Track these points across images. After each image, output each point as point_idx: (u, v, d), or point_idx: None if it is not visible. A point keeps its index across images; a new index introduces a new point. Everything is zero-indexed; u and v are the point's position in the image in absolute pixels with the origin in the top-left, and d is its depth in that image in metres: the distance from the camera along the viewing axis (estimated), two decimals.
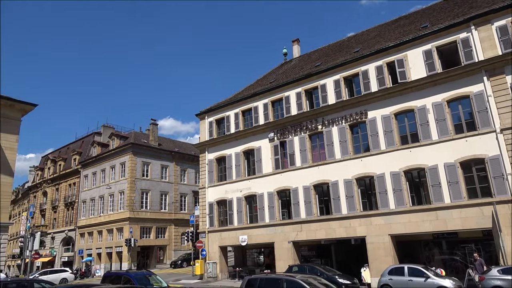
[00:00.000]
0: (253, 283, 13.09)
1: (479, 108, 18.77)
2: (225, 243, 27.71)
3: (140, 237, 42.41)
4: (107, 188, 45.69)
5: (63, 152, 59.93)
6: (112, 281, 16.33)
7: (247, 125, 28.63)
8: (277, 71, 33.95)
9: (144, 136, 49.32)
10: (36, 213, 57.22)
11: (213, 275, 27.02)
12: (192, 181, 49.58)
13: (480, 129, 18.57)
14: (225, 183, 28.44)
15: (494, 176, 17.79)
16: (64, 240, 51.93)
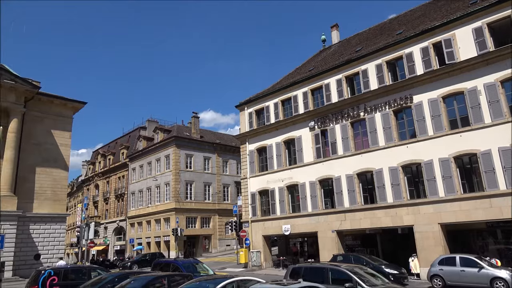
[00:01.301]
0: (298, 271, 13.10)
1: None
2: (268, 232, 27.96)
3: (186, 226, 43.86)
4: (153, 180, 47.54)
5: (112, 147, 62.99)
6: (161, 269, 17.08)
7: (286, 115, 28.48)
8: (315, 58, 33.35)
9: (187, 129, 50.60)
10: (90, 205, 60.81)
11: (257, 264, 27.42)
12: (234, 172, 50.33)
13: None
14: (267, 173, 28.57)
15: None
16: (116, 229, 54.87)
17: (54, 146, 34.03)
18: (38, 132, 33.29)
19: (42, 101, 33.89)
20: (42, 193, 32.58)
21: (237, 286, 10.30)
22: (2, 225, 28.23)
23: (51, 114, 34.37)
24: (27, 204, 31.32)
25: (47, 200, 32.78)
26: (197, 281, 10.93)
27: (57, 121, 34.59)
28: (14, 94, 31.45)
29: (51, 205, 32.99)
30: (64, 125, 35.08)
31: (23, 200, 30.81)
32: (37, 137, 33.12)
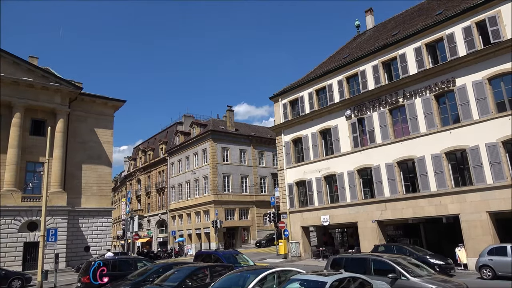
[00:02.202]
0: (339, 262, 12.98)
1: None
2: (307, 223, 27.86)
3: (225, 218, 44.62)
4: (191, 173, 48.66)
5: (151, 143, 65.04)
6: (203, 260, 17.53)
7: (321, 104, 28.06)
8: (350, 45, 32.50)
9: (222, 122, 51.21)
10: (133, 199, 63.31)
11: (296, 255, 27.45)
12: (270, 164, 50.45)
13: None
14: (303, 164, 28.38)
15: None
16: (158, 222, 56.83)
17: (97, 144, 35.65)
18: (82, 130, 34.99)
19: (85, 101, 35.52)
20: (88, 188, 34.32)
21: (278, 276, 10.37)
22: (54, 219, 30.04)
23: (93, 113, 35.99)
24: (76, 199, 33.14)
25: (94, 195, 34.50)
26: (238, 272, 11.11)
27: (99, 119, 36.19)
28: (59, 95, 33.16)
29: (97, 199, 34.71)
30: (106, 123, 36.65)
31: (72, 196, 32.63)
32: (81, 136, 34.84)
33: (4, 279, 21.88)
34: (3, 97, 30.32)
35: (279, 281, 10.19)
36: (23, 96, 31.08)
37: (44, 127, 31.22)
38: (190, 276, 11.74)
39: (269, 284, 10.07)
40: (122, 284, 13.11)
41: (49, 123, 30.63)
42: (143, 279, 13.18)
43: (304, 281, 9.00)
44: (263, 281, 9.95)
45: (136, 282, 12.99)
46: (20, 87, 31.01)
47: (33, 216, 29.40)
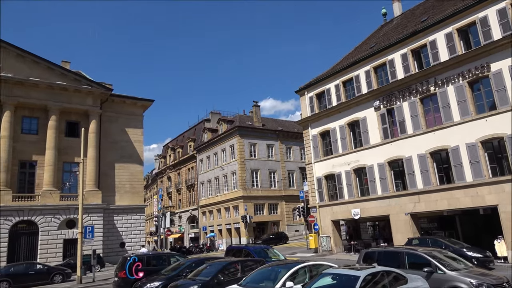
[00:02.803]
0: (371, 256, 12.76)
1: None
2: (337, 217, 27.55)
3: (254, 213, 44.87)
4: (220, 170, 49.19)
5: (179, 140, 66.19)
6: (234, 254, 17.73)
7: (349, 96, 27.56)
8: (377, 34, 31.67)
9: (248, 118, 51.36)
10: (164, 196, 64.76)
11: (327, 249, 27.24)
12: (297, 158, 50.19)
13: None
14: (332, 157, 28.03)
15: None
16: (189, 218, 57.91)
17: (129, 143, 36.69)
18: (114, 131, 36.10)
19: (115, 102, 36.60)
20: (121, 186, 35.42)
21: (309, 270, 10.34)
22: (91, 216, 31.22)
23: (124, 113, 37.06)
24: (110, 197, 34.30)
25: (127, 193, 35.58)
26: (269, 266, 11.16)
27: (129, 119, 37.22)
28: (91, 97, 34.33)
29: (130, 197, 35.78)
30: (136, 123, 37.65)
31: (106, 194, 33.79)
32: (113, 136, 35.97)
33: (46, 274, 23.06)
34: (40, 101, 31.75)
35: (311, 275, 10.15)
36: (57, 99, 32.41)
37: (78, 128, 32.44)
38: (222, 271, 11.91)
39: (300, 278, 10.05)
40: (156, 278, 13.48)
41: (82, 125, 31.82)
42: (177, 274, 13.50)
43: (336, 275, 8.91)
44: (295, 275, 9.94)
45: (170, 276, 13.32)
46: (55, 91, 32.35)
47: (71, 214, 30.69)
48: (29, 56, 31.71)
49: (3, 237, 28.23)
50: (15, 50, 31.25)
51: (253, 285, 9.90)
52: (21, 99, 31.02)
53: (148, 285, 13.08)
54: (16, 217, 29.04)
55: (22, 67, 31.34)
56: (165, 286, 12.35)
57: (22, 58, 31.52)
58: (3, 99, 30.14)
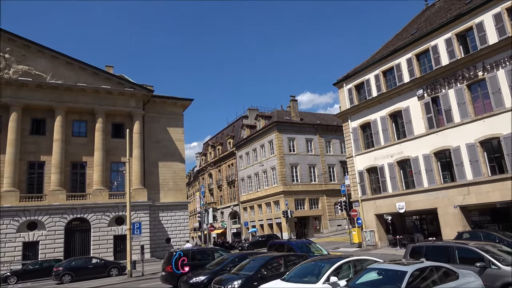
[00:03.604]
0: (418, 251, 12.29)
1: None
2: (381, 211, 26.82)
3: (295, 208, 44.74)
4: (260, 165, 49.44)
5: (219, 138, 67.25)
6: (276, 249, 17.78)
7: (390, 86, 26.64)
8: (418, 20, 30.31)
9: (286, 113, 51.14)
10: (206, 192, 66.18)
11: (371, 243, 26.63)
12: (337, 152, 49.35)
13: None
14: (373, 149, 27.29)
15: None
16: (231, 214, 58.81)
17: (170, 142, 37.84)
18: (156, 130, 37.39)
19: (157, 102, 37.83)
20: (165, 184, 36.64)
21: (354, 265, 10.16)
22: (138, 213, 32.57)
23: (165, 113, 38.26)
24: (155, 195, 35.58)
25: (170, 190, 36.76)
26: (312, 261, 11.09)
27: (170, 119, 38.36)
28: (134, 99, 35.72)
29: (174, 194, 36.93)
30: (176, 122, 38.74)
31: (151, 192, 35.09)
32: (156, 135, 37.26)
33: (103, 267, 24.51)
34: (87, 105, 33.51)
35: (355, 270, 9.98)
36: (103, 102, 34.04)
37: (123, 129, 33.92)
38: (265, 265, 11.99)
39: (344, 273, 9.91)
40: (201, 273, 13.83)
41: (127, 126, 33.25)
42: (221, 268, 13.77)
43: (382, 270, 8.68)
44: (338, 270, 9.81)
45: (214, 271, 13.62)
46: (100, 94, 33.98)
47: (119, 211, 32.19)
48: (76, 63, 33.51)
49: (59, 233, 30.17)
50: (64, 58, 33.12)
51: (297, 279, 9.89)
52: (71, 104, 32.88)
53: (194, 279, 13.45)
54: (70, 215, 30.91)
55: (70, 74, 33.20)
56: (210, 280, 12.63)
57: (71, 65, 33.37)
58: (55, 105, 32.11)
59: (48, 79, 32.21)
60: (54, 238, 29.90)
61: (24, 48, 32.04)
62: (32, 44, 32.21)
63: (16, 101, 30.93)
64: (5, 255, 27.99)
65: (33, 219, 29.68)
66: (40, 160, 31.85)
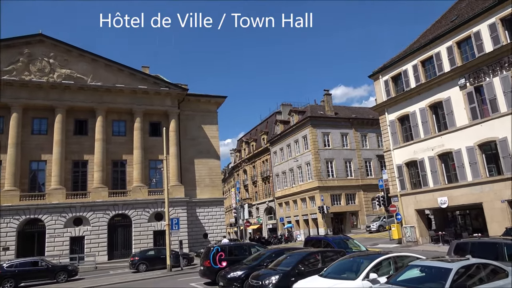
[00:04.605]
0: (463, 247, 11.78)
1: None
2: (422, 206, 25.90)
3: (331, 204, 44.15)
4: (294, 161, 49.18)
5: (253, 134, 67.54)
6: (313, 245, 17.60)
7: (429, 76, 25.58)
8: (458, 5, 28.82)
9: (320, 107, 50.49)
10: (241, 188, 66.74)
11: (412, 239, 25.80)
12: (374, 145, 48.13)
13: None
14: (412, 143, 26.36)
15: None
16: (266, 209, 59.00)
17: (205, 139, 38.47)
18: (191, 128, 38.13)
19: (191, 100, 38.55)
20: (201, 181, 37.31)
21: (394, 262, 9.90)
22: (176, 209, 33.41)
23: (199, 111, 38.93)
24: (192, 191, 36.35)
25: (207, 187, 37.41)
26: (350, 257, 10.92)
27: (204, 116, 38.97)
28: (170, 98, 36.58)
29: (210, 190, 37.54)
30: (211, 120, 39.30)
31: (188, 188, 35.87)
32: (191, 133, 38.00)
33: (176, 258, 24.49)
34: (126, 105, 34.71)
35: (396, 267, 9.72)
36: (140, 102, 35.13)
37: (160, 128, 34.88)
38: (302, 261, 11.95)
39: (384, 270, 9.68)
40: (239, 268, 13.98)
41: (163, 124, 34.14)
42: (258, 264, 13.87)
43: (424, 267, 8.39)
44: (378, 266, 9.60)
45: (252, 266, 13.73)
46: (137, 95, 35.08)
47: (158, 207, 33.17)
48: (114, 65, 34.77)
49: (103, 229, 31.56)
50: (103, 60, 34.46)
51: (335, 276, 9.77)
52: (110, 105, 34.19)
53: (231, 274, 13.62)
54: (113, 211, 32.23)
55: (109, 75, 34.51)
56: (247, 275, 12.75)
57: (110, 67, 34.68)
58: (96, 106, 33.52)
59: (89, 81, 33.65)
60: (98, 233, 31.31)
61: (66, 52, 33.63)
62: (73, 48, 33.74)
63: (61, 104, 32.58)
64: (55, 249, 29.68)
65: (79, 215, 31.22)
66: (83, 159, 33.42)
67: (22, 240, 29.80)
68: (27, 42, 32.51)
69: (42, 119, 33.02)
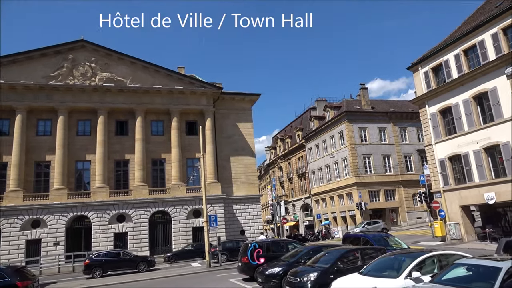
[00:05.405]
0: None
1: None
2: (467, 202, 24.73)
3: (369, 200, 43.19)
4: (330, 157, 48.51)
5: (287, 131, 67.28)
6: (351, 242, 17.34)
7: (472, 66, 24.30)
8: None
9: (356, 102, 49.41)
10: (277, 185, 66.74)
11: (457, 237, 24.71)
12: (414, 140, 46.51)
13: None
14: (455, 136, 25.19)
15: None
16: (302, 206, 58.68)
17: (240, 137, 38.81)
18: (226, 126, 38.61)
19: (226, 99, 39.00)
20: (237, 178, 37.71)
21: (438, 260, 9.53)
22: (213, 207, 33.98)
23: (234, 109, 39.32)
24: (228, 188, 36.81)
25: (243, 184, 37.75)
26: (391, 255, 10.64)
27: (239, 114, 39.31)
28: (205, 97, 37.22)
29: (246, 188, 37.86)
30: (245, 117, 39.58)
31: (224, 185, 36.36)
32: (226, 131, 38.49)
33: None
34: (163, 106, 35.70)
35: (440, 265, 9.36)
36: (177, 102, 36.02)
37: (196, 127, 35.57)
38: (341, 258, 11.80)
39: (428, 268, 9.34)
40: (277, 264, 14.03)
41: (199, 123, 34.80)
42: (295, 260, 13.85)
43: (471, 266, 8.01)
44: (421, 265, 9.28)
45: (290, 263, 13.73)
46: (174, 95, 35.98)
47: (196, 205, 33.88)
48: (151, 67, 35.82)
49: (144, 225, 32.70)
50: (141, 63, 35.61)
51: (375, 273, 9.55)
52: (149, 106, 35.29)
53: (269, 270, 13.69)
54: (153, 208, 33.31)
55: (147, 77, 35.62)
56: (285, 272, 12.76)
57: (147, 69, 35.77)
58: (135, 107, 34.72)
59: (128, 84, 34.88)
60: (140, 230, 32.49)
61: (107, 56, 35.04)
62: (113, 52, 35.09)
63: (103, 106, 34.03)
64: (100, 244, 31.12)
65: (121, 212, 32.52)
66: (124, 158, 34.75)
67: (71, 236, 31.48)
68: (70, 48, 34.18)
69: (85, 121, 34.65)
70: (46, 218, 30.65)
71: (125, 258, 24.96)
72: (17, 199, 30.43)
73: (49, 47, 33.58)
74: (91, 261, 23.99)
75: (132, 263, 24.73)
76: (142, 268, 24.33)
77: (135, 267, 24.42)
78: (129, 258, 25.03)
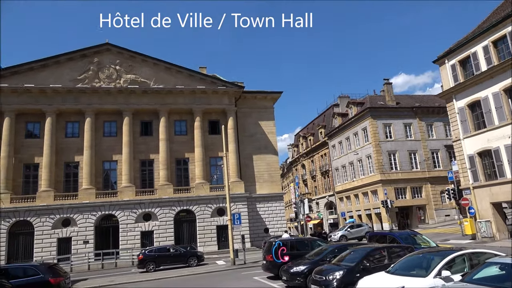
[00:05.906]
0: None
1: None
2: (498, 199, 23.84)
3: (395, 197, 42.34)
4: (354, 154, 47.81)
5: (310, 128, 66.76)
6: (377, 240, 17.05)
7: (502, 57, 23.37)
8: None
9: (380, 98, 48.49)
10: (300, 183, 66.37)
11: (488, 235, 23.87)
12: (441, 135, 45.21)
13: None
14: (485, 130, 24.31)
15: None
16: (326, 204, 58.14)
17: (263, 135, 38.83)
18: (249, 125, 38.71)
19: (247, 98, 39.10)
20: (260, 176, 37.76)
21: (469, 259, 9.24)
22: (236, 205, 34.15)
23: (256, 108, 39.38)
24: (251, 187, 36.92)
25: (265, 182, 37.77)
26: (420, 253, 10.40)
27: (261, 113, 39.32)
28: (227, 97, 37.44)
29: (269, 186, 37.86)
30: (267, 115, 39.56)
31: (248, 184, 36.49)
32: (248, 130, 38.59)
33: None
34: (186, 106, 36.17)
35: (471, 264, 9.07)
36: (199, 102, 36.39)
37: (218, 126, 35.85)
38: (367, 257, 11.63)
39: (458, 267, 9.06)
40: (302, 262, 13.96)
41: (221, 122, 35.05)
42: (320, 259, 13.74)
43: (505, 265, 7.72)
44: (451, 263, 9.02)
45: (314, 261, 13.63)
46: (196, 95, 36.37)
47: (220, 203, 34.16)
48: (174, 67, 36.34)
49: (169, 223, 33.24)
50: (163, 64, 36.18)
51: (403, 272, 9.35)
52: (172, 106, 35.82)
53: (294, 268, 13.64)
54: (178, 207, 33.80)
55: (169, 78, 36.16)
56: (310, 270, 12.69)
57: (169, 70, 36.32)
58: (159, 107, 35.33)
59: (152, 85, 35.51)
60: (166, 228, 33.05)
61: (131, 59, 35.78)
62: (136, 54, 35.80)
63: (127, 107, 34.80)
64: (127, 242, 31.87)
65: (147, 211, 33.18)
66: (149, 158, 35.43)
67: (99, 234, 32.38)
68: (96, 51, 35.11)
69: (111, 122, 35.52)
70: (75, 217, 31.65)
71: (176, 253, 25.60)
72: (48, 198, 31.57)
73: (76, 51, 34.60)
74: (144, 256, 24.74)
75: (183, 257, 25.30)
76: (192, 263, 24.97)
77: (185, 262, 25.01)
78: (180, 253, 25.58)
